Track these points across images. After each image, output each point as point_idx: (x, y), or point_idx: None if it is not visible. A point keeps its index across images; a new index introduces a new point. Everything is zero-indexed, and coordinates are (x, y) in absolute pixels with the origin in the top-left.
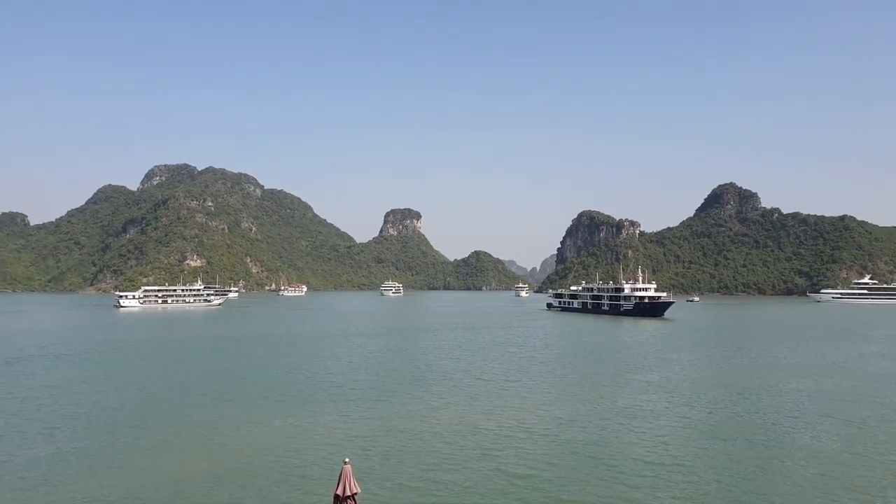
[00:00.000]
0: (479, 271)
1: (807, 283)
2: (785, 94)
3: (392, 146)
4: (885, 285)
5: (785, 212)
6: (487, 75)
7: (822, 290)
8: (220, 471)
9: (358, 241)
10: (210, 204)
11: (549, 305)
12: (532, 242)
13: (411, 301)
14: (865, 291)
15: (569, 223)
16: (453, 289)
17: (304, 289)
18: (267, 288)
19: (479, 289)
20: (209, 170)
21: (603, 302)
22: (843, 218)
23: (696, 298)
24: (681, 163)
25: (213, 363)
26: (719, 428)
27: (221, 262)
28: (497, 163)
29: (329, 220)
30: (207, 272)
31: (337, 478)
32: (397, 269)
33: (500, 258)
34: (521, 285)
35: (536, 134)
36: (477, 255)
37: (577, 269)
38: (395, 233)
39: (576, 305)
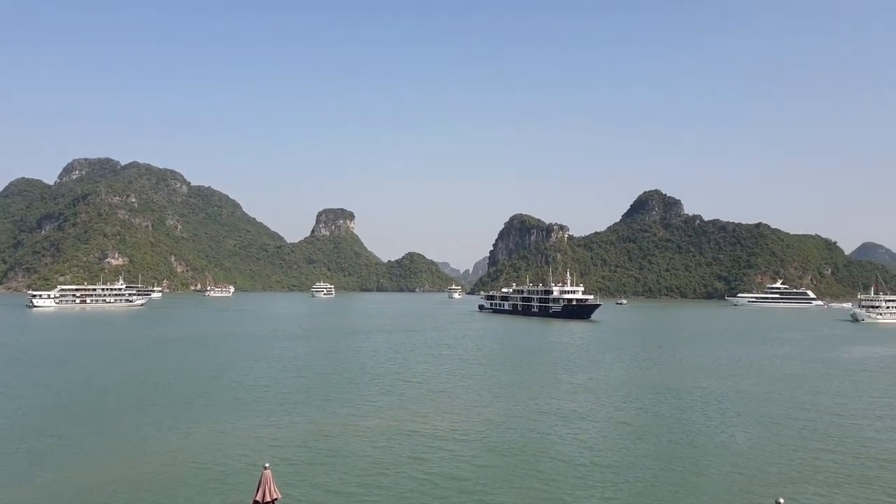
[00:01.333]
0: (412, 273)
1: (725, 288)
2: (706, 108)
3: (324, 145)
4: (794, 290)
5: (706, 219)
6: (422, 73)
7: (739, 295)
8: (137, 479)
9: (288, 241)
10: (133, 200)
11: (481, 307)
12: (465, 245)
13: (343, 302)
14: (777, 295)
15: (501, 226)
16: (386, 290)
17: (232, 289)
18: (192, 288)
19: (413, 290)
20: (133, 165)
21: (533, 304)
22: (758, 226)
23: (625, 301)
24: (609, 169)
25: (135, 366)
26: (643, 427)
27: (145, 261)
28: (432, 164)
29: (259, 219)
30: (130, 271)
31: (257, 484)
32: (329, 269)
33: (434, 260)
34: (453, 287)
35: (472, 136)
36: (411, 257)
37: (509, 271)
38: (328, 233)
39: (507, 307)
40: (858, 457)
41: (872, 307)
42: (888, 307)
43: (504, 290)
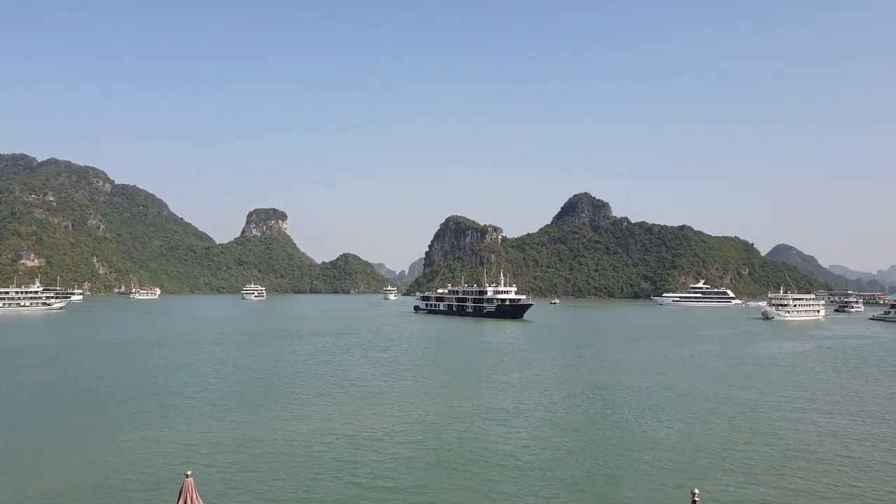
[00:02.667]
0: (347, 274)
1: (651, 288)
2: (635, 115)
3: (256, 143)
4: (715, 289)
5: (633, 221)
6: (356, 73)
7: (664, 294)
8: (54, 493)
9: (218, 242)
10: (51, 198)
11: (417, 308)
12: (401, 246)
13: (275, 305)
14: (700, 295)
15: (437, 228)
16: (320, 292)
17: (158, 291)
18: (116, 290)
19: (348, 292)
20: (51, 161)
21: (467, 304)
22: (682, 228)
23: (557, 301)
24: (541, 171)
25: (52, 373)
26: (575, 424)
27: (64, 263)
28: (367, 165)
29: (186, 219)
30: (48, 273)
31: (178, 493)
32: (260, 271)
33: (370, 261)
34: (389, 288)
35: (407, 136)
36: (345, 258)
37: (444, 272)
38: (259, 233)
39: (442, 308)
40: (770, 447)
41: (781, 305)
42: (795, 305)
43: (439, 290)
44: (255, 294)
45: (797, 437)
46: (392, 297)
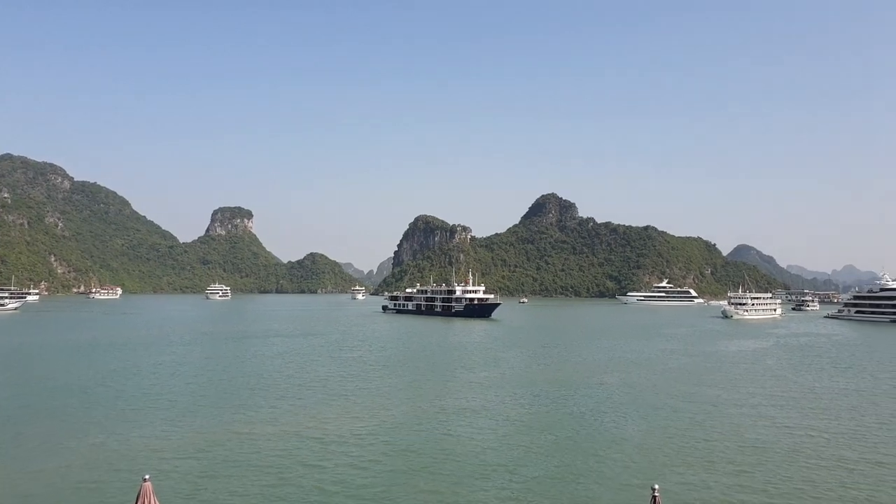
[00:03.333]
0: (314, 274)
1: (616, 287)
2: (602, 114)
3: (221, 140)
4: (678, 288)
5: (599, 221)
6: (325, 72)
7: (628, 293)
8: (8, 497)
9: (182, 241)
10: (6, 195)
11: (385, 308)
12: (369, 245)
13: (240, 305)
14: (663, 294)
15: (406, 227)
16: (286, 292)
17: (119, 291)
18: (75, 290)
19: (315, 292)
20: (6, 157)
21: (436, 304)
22: (646, 228)
23: (525, 300)
24: (511, 172)
25: (4, 377)
26: (542, 422)
27: (19, 262)
28: (335, 164)
29: (149, 217)
30: (1, 273)
31: (135, 497)
32: (225, 270)
33: (337, 261)
34: (357, 288)
35: (375, 137)
36: (312, 257)
37: (413, 271)
38: (224, 232)
39: (410, 307)
40: (730, 442)
41: (740, 304)
42: (754, 304)
43: (408, 290)
44: (220, 294)
45: (755, 433)
46: (360, 296)
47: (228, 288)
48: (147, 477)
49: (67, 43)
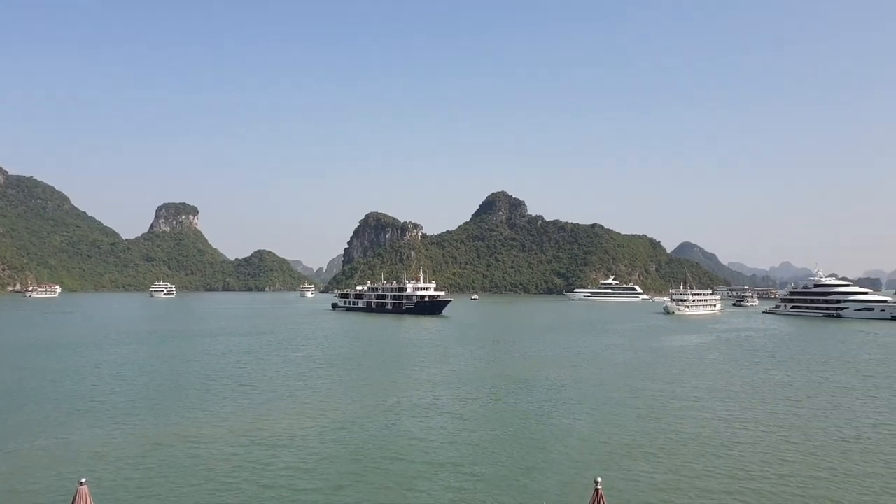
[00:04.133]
0: (262, 271)
1: (564, 283)
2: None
3: (165, 134)
4: (624, 285)
5: (547, 219)
6: (271, 68)
7: (576, 290)
8: None
9: (124, 238)
10: None
11: (335, 306)
12: (319, 243)
13: (185, 303)
14: (610, 291)
15: (356, 224)
16: (233, 290)
17: (58, 290)
18: (10, 289)
19: (263, 290)
20: None
21: (387, 301)
22: (593, 226)
23: (477, 297)
24: (460, 171)
25: None
26: (489, 417)
27: None
28: (285, 161)
29: (90, 213)
30: None
31: (71, 501)
32: (170, 268)
33: (286, 258)
34: (306, 286)
35: (326, 133)
36: (260, 255)
37: (364, 269)
38: (168, 229)
39: (361, 305)
40: (672, 435)
41: (681, 301)
42: (694, 301)
43: (358, 287)
44: (165, 292)
45: (697, 426)
46: (309, 294)
47: (173, 286)
48: (83, 481)
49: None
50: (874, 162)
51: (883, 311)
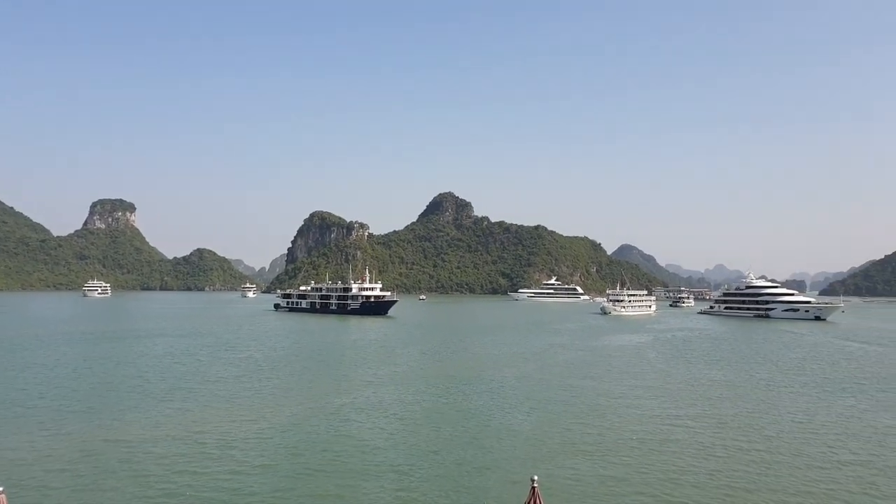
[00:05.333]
0: (202, 270)
1: (508, 284)
2: (495, 112)
3: (101, 126)
4: (566, 286)
5: (493, 220)
6: (213, 65)
7: (519, 290)
8: None
9: (56, 234)
10: None
11: (277, 306)
12: (262, 241)
13: (121, 303)
14: (552, 291)
15: (300, 223)
16: (172, 289)
17: None
18: None
19: (202, 289)
20: None
21: (331, 301)
22: (537, 227)
23: (424, 297)
24: (408, 171)
25: None
26: (433, 418)
27: None
28: (226, 158)
29: (18, 209)
30: None
31: None
32: (105, 266)
33: (227, 257)
34: (248, 285)
35: (270, 129)
36: (200, 253)
37: (308, 269)
38: (104, 226)
39: (304, 305)
40: (610, 432)
41: (618, 301)
42: (630, 301)
43: (302, 287)
44: (99, 291)
45: (634, 423)
46: (251, 294)
47: (108, 285)
48: (0, 489)
49: None
50: (801, 175)
51: (807, 311)
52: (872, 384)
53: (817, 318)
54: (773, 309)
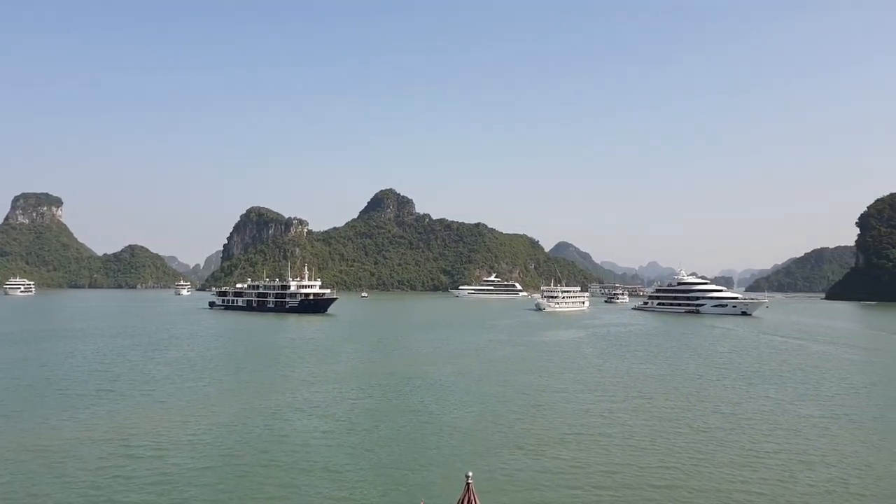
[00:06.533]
0: (133, 268)
1: (449, 281)
2: (433, 115)
3: (22, 115)
4: (505, 282)
5: (434, 217)
6: (145, 55)
7: (460, 287)
8: None
9: None
10: None
11: (212, 304)
12: (196, 238)
13: (46, 302)
14: (492, 288)
15: (237, 219)
16: (101, 287)
17: None
18: None
19: (134, 287)
20: None
21: (269, 299)
22: (477, 225)
23: (366, 294)
24: (348, 167)
25: None
26: (371, 416)
27: None
28: (158, 150)
29: None
30: None
31: None
32: (28, 263)
33: (160, 254)
34: (182, 283)
35: (207, 123)
36: (132, 250)
37: (244, 265)
38: (27, 221)
39: (240, 304)
40: (547, 426)
41: (552, 297)
42: (564, 297)
43: (239, 285)
44: (22, 289)
45: (570, 418)
46: (185, 292)
47: (32, 283)
48: None
49: None
50: (730, 177)
51: (735, 307)
52: (793, 376)
53: (744, 314)
54: (702, 305)
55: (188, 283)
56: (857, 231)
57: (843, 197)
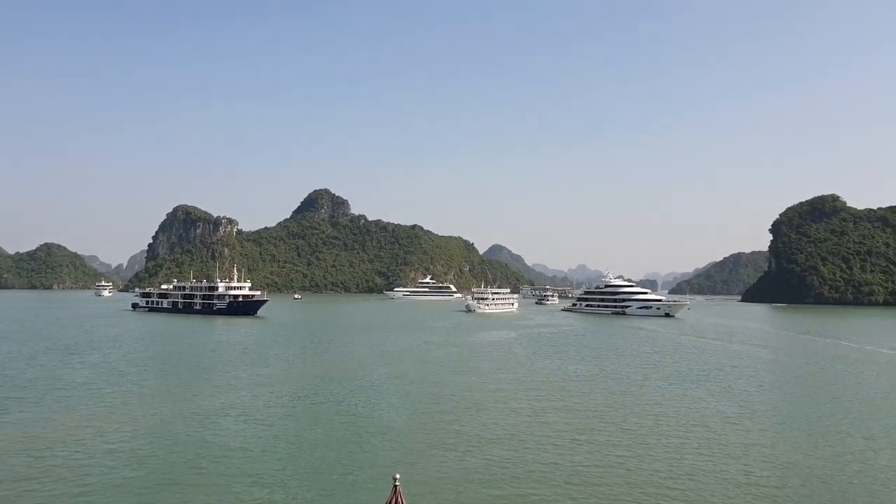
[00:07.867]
0: (49, 267)
1: (384, 282)
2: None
3: None
4: (440, 284)
5: (370, 218)
6: (69, 46)
7: (395, 289)
8: None
9: None
10: None
11: (135, 306)
12: (119, 236)
13: None
14: (427, 289)
15: (163, 217)
16: (13, 288)
17: None
18: None
19: (50, 287)
20: None
21: (195, 301)
22: (413, 227)
23: (299, 296)
24: (281, 165)
25: None
26: (302, 420)
27: None
28: (79, 143)
29: None
30: None
31: None
32: None
33: (79, 252)
34: (103, 283)
35: (133, 115)
36: (47, 248)
37: (170, 266)
38: None
39: (165, 305)
40: (480, 426)
41: (482, 299)
42: (494, 299)
43: (164, 286)
44: None
45: (499, 418)
46: (106, 293)
47: None
48: None
49: None
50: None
51: (658, 308)
52: (710, 375)
53: (667, 315)
54: (628, 307)
55: (110, 284)
56: (771, 237)
57: (762, 203)
